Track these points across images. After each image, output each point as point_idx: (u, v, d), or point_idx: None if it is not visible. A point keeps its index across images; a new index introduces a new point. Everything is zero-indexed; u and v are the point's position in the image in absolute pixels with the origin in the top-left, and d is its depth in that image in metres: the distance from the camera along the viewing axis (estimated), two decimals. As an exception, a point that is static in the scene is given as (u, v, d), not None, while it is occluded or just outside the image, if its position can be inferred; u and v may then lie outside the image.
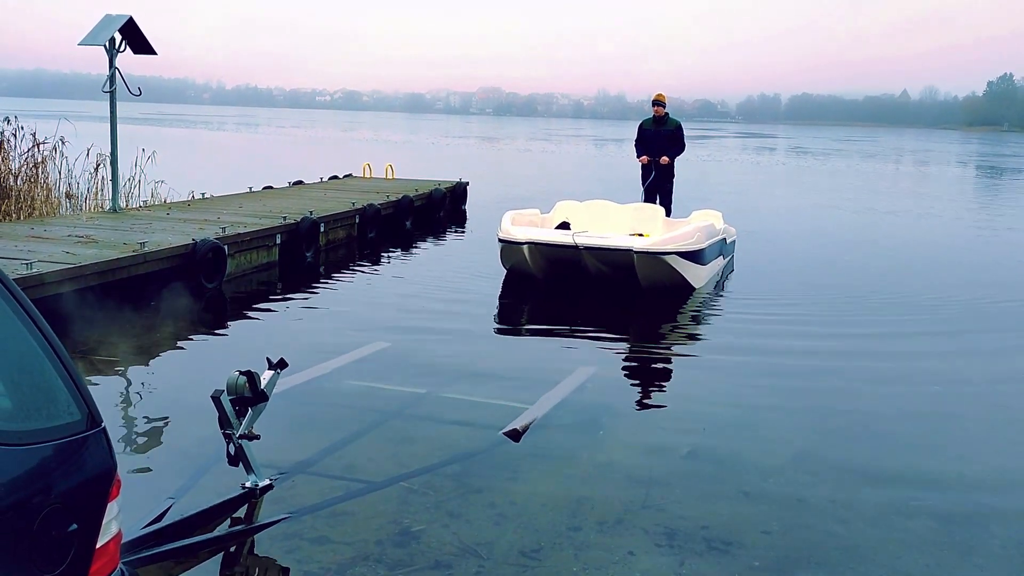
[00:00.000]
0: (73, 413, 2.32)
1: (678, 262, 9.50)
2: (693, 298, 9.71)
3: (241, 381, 4.34)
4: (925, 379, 7.14)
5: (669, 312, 9.29)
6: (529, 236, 9.86)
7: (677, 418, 6.10)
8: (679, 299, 9.58)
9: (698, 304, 9.58)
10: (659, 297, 9.50)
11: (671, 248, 9.49)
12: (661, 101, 12.59)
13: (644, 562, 3.98)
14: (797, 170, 37.73)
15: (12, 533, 2.05)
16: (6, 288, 2.27)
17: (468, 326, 8.59)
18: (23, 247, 8.37)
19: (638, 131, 12.80)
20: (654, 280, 9.50)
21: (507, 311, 9.68)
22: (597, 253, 9.59)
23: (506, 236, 9.94)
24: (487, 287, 10.16)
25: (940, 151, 64.61)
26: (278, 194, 14.98)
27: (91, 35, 10.75)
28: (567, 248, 9.66)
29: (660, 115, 12.54)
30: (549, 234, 10.07)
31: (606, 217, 11.43)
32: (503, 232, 10.03)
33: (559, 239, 9.84)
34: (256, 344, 7.48)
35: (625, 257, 9.40)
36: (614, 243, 9.66)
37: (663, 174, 12.43)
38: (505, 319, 9.45)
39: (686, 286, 9.72)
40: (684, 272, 9.59)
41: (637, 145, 12.70)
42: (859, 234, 16.18)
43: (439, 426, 5.69)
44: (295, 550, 3.97)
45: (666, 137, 12.47)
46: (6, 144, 12.51)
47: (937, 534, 4.38)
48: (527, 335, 8.69)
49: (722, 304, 9.79)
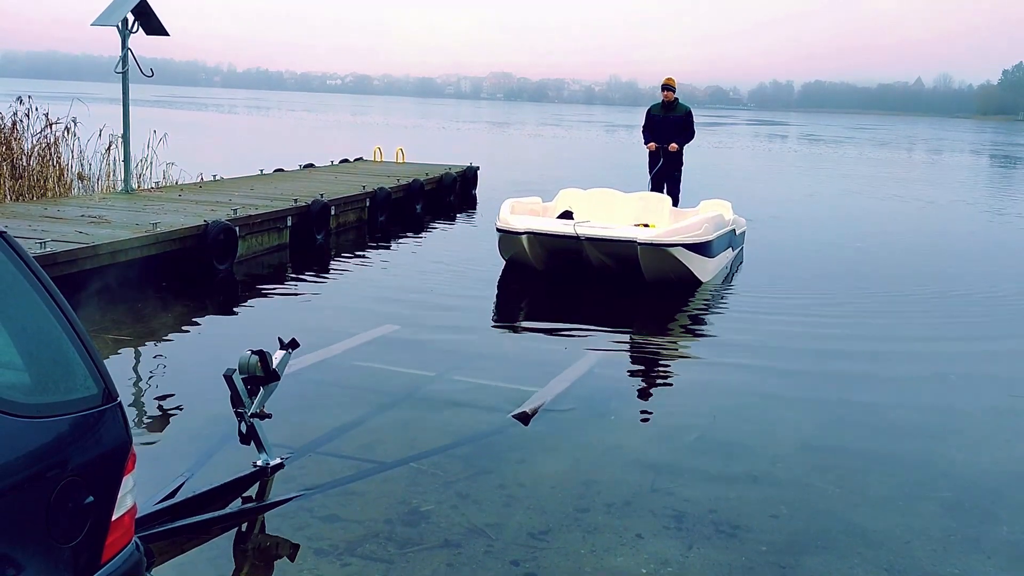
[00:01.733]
0: (90, 387, 2.35)
1: (684, 254, 9.12)
2: (702, 289, 9.51)
3: (253, 361, 4.37)
4: (939, 368, 7.12)
5: (679, 300, 9.21)
6: (528, 226, 9.43)
7: (685, 403, 6.11)
8: (687, 289, 9.42)
9: (707, 295, 9.47)
10: (665, 290, 9.22)
11: (676, 240, 9.07)
12: (670, 86, 12.13)
13: (652, 545, 4.00)
14: (809, 157, 37.54)
15: (30, 504, 2.08)
16: (26, 265, 2.30)
17: (477, 310, 8.61)
18: (37, 227, 8.41)
19: (646, 117, 12.34)
20: (659, 273, 9.15)
21: (517, 296, 9.68)
22: (599, 244, 9.20)
23: (504, 225, 9.50)
24: (497, 272, 10.14)
25: (954, 139, 64.15)
26: (289, 177, 15.00)
27: (104, 15, 10.76)
28: (568, 239, 9.25)
29: (669, 100, 12.11)
30: (549, 224, 9.64)
31: (611, 206, 10.99)
32: (501, 221, 9.60)
33: (559, 229, 9.41)
34: (267, 325, 7.51)
35: (628, 249, 9.01)
36: (617, 234, 9.24)
37: (671, 162, 12.03)
38: (514, 304, 9.46)
39: (692, 279, 9.36)
40: (690, 265, 9.22)
41: (645, 131, 12.27)
42: (873, 224, 16.12)
43: (448, 408, 5.72)
44: (305, 527, 4.01)
45: (675, 123, 12.03)
46: (19, 125, 12.55)
47: (945, 521, 4.39)
48: (536, 320, 8.70)
49: (731, 296, 9.75)
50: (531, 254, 9.55)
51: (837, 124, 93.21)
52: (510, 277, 9.94)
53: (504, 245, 9.74)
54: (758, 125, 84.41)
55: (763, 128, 76.84)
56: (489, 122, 68.39)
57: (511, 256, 9.83)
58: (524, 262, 9.71)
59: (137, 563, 2.44)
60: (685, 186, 12.46)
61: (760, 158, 36.36)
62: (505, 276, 9.95)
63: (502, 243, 9.73)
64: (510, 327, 8.39)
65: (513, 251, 9.70)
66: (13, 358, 2.24)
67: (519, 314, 9.07)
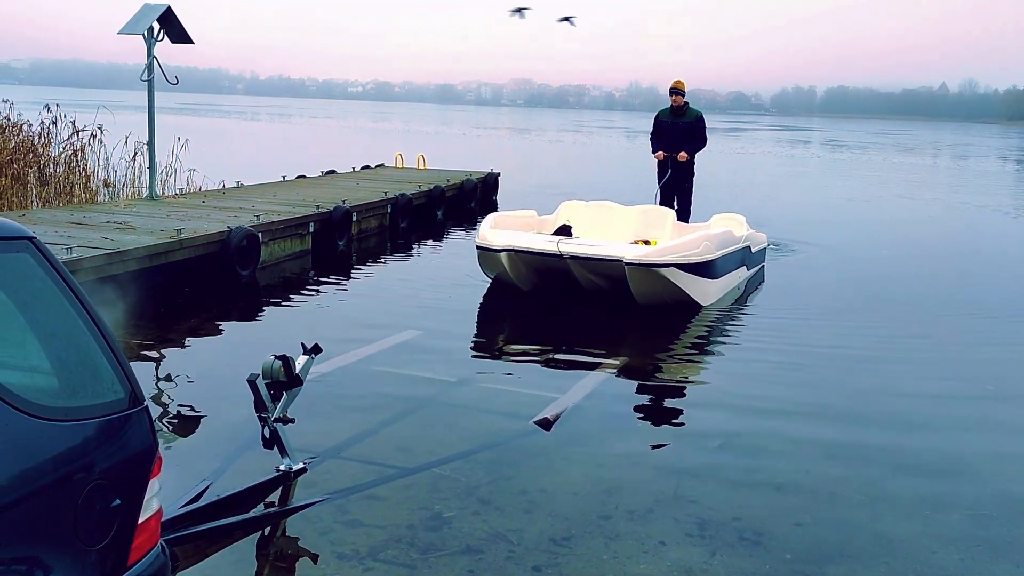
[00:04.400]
0: (117, 391, 2.37)
1: (678, 275, 8.24)
2: (724, 300, 9.04)
3: (276, 365, 4.39)
4: (967, 379, 7.04)
5: (703, 311, 9.03)
6: (508, 242, 8.62)
7: (709, 411, 6.07)
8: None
9: (732, 307, 9.22)
10: (658, 314, 8.36)
11: (669, 259, 8.17)
12: (679, 89, 11.19)
13: (675, 552, 3.97)
14: (832, 163, 37.28)
15: (58, 507, 2.10)
16: (55, 270, 2.32)
17: (498, 315, 8.61)
18: (63, 233, 8.51)
19: (654, 123, 11.44)
20: (651, 296, 8.32)
21: (537, 302, 9.66)
22: (585, 263, 8.40)
23: (483, 242, 8.72)
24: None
25: (980, 145, 63.47)
26: (311, 183, 15.09)
27: (130, 24, 10.89)
28: (551, 257, 8.46)
29: (678, 105, 11.14)
30: (531, 240, 8.74)
31: (610, 220, 10.12)
32: (479, 237, 8.83)
33: (542, 246, 8.57)
34: (289, 330, 7.56)
35: (616, 268, 8.20)
36: (603, 252, 8.37)
37: (681, 172, 11.08)
38: (535, 310, 9.45)
39: (690, 303, 8.51)
40: (685, 287, 8.35)
41: (652, 139, 11.41)
42: (902, 230, 15.96)
43: (470, 414, 5.72)
44: (328, 532, 4.02)
45: (685, 130, 11.09)
46: (46, 132, 12.73)
47: (972, 529, 4.33)
48: (557, 326, 8.68)
49: (755, 309, 9.65)
50: (513, 273, 8.77)
51: (861, 129, 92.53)
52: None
53: (484, 263, 8.98)
54: (780, 131, 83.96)
55: (785, 134, 76.42)
56: (510, 128, 68.49)
57: (496, 275, 9.07)
58: (508, 282, 8.96)
59: (163, 566, 2.46)
60: (699, 197, 11.70)
61: (783, 164, 36.14)
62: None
63: (482, 261, 8.97)
64: (531, 333, 8.38)
65: (495, 270, 8.92)
66: (42, 362, 2.26)
67: (542, 318, 9.06)
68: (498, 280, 9.08)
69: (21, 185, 11.79)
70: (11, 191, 11.50)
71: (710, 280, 8.77)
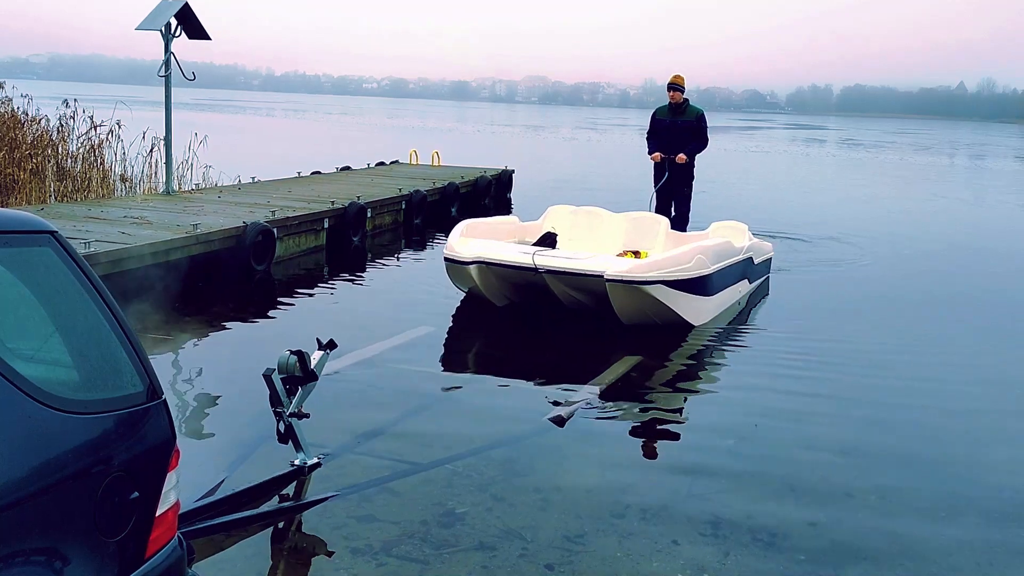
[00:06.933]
0: (136, 385, 2.39)
1: (665, 293, 7.38)
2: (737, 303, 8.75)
3: (292, 361, 4.41)
4: (983, 381, 6.99)
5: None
6: (478, 253, 7.76)
7: (723, 410, 6.06)
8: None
9: (747, 310, 9.14)
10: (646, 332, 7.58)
11: (655, 275, 7.28)
12: (678, 84, 10.30)
13: (688, 551, 3.97)
14: (848, 163, 37.08)
15: (77, 499, 2.12)
16: (77, 264, 2.34)
17: (512, 312, 8.60)
18: (81, 227, 8.57)
19: (651, 121, 10.62)
20: (635, 315, 7.50)
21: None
22: (563, 278, 7.57)
23: (450, 253, 7.89)
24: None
25: (998, 144, 62.97)
26: (326, 179, 15.13)
27: (148, 20, 10.94)
28: (525, 271, 7.62)
29: (677, 102, 10.30)
30: (503, 252, 7.84)
31: (598, 228, 9.23)
32: (447, 248, 7.99)
33: (515, 259, 7.69)
34: (304, 326, 7.58)
35: (598, 284, 7.34)
36: (582, 266, 7.50)
37: (680, 175, 10.29)
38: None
39: (680, 322, 7.67)
40: (674, 305, 7.50)
41: (649, 139, 10.59)
42: (920, 231, 15.86)
43: (483, 410, 5.73)
44: (342, 527, 4.04)
45: (684, 129, 10.28)
46: (64, 127, 12.81)
47: (989, 532, 4.30)
48: (572, 322, 8.67)
49: (772, 310, 9.61)
50: (484, 287, 7.93)
51: (877, 128, 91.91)
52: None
53: (453, 276, 8.09)
54: (796, 129, 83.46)
55: (801, 132, 76.00)
56: (524, 125, 68.43)
57: (467, 289, 8.20)
58: (481, 296, 8.11)
59: (180, 559, 2.48)
60: (700, 203, 11.06)
61: (799, 163, 35.96)
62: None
63: (451, 273, 8.08)
64: (547, 329, 8.37)
65: (466, 284, 8.06)
66: (63, 355, 2.28)
67: (555, 317, 9.04)
68: (471, 294, 8.28)
69: (39, 179, 11.88)
70: (29, 185, 11.60)
71: (703, 298, 7.92)
